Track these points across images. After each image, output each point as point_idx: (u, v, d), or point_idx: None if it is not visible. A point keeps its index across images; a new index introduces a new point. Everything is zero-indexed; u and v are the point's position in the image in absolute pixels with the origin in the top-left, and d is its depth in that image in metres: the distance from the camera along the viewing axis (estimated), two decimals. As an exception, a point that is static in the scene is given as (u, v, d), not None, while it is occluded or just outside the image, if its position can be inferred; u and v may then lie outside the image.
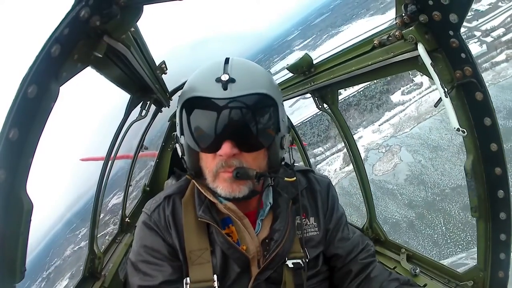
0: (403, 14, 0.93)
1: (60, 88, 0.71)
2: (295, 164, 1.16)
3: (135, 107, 1.89)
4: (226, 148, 0.90)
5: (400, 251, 1.78)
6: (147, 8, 0.87)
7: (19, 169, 0.63)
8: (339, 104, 1.97)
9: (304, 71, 1.75)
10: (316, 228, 1.16)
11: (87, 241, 1.84)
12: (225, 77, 0.90)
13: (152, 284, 0.98)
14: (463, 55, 0.89)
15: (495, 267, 1.09)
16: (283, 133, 1.01)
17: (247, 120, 0.92)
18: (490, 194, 1.02)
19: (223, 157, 0.92)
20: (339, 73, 1.51)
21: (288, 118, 1.19)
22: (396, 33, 1.02)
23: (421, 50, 0.95)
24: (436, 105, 1.06)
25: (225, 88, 0.89)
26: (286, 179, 1.05)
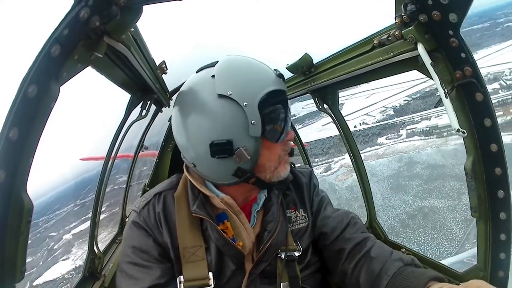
0: (403, 14, 0.93)
1: (60, 88, 0.71)
2: None
3: (135, 107, 1.89)
4: (292, 132, 1.05)
5: (400, 251, 1.78)
6: (148, 8, 0.87)
7: (19, 169, 0.63)
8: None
9: (304, 71, 1.74)
10: (306, 219, 1.17)
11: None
12: (281, 72, 1.02)
13: None
14: (463, 55, 0.89)
15: (495, 267, 1.09)
16: None
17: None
18: (490, 194, 1.02)
19: (290, 140, 1.05)
20: (339, 73, 1.51)
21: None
22: (396, 33, 1.02)
23: (421, 50, 0.94)
24: (436, 106, 1.06)
25: (284, 81, 1.02)
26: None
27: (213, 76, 0.95)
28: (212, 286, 0.96)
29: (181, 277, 0.97)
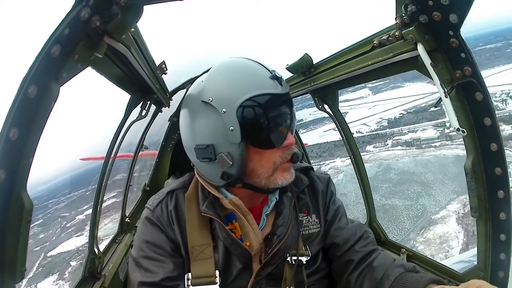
0: (403, 14, 0.94)
1: (60, 88, 0.71)
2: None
3: (135, 107, 1.89)
4: (291, 137, 0.99)
5: (400, 251, 1.79)
6: (149, 8, 0.87)
7: (19, 169, 0.63)
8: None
9: (304, 71, 1.75)
10: (318, 225, 1.16)
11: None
12: (278, 74, 0.97)
13: (153, 281, 0.97)
14: (463, 55, 0.89)
15: (495, 267, 1.09)
16: None
17: (294, 112, 1.03)
18: (490, 194, 1.02)
19: (289, 146, 0.99)
20: (339, 73, 1.51)
21: None
22: (396, 33, 1.02)
23: (421, 50, 0.94)
24: (436, 105, 1.06)
25: (281, 84, 0.96)
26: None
27: (202, 81, 1.00)
28: (218, 283, 0.99)
29: (189, 274, 1.00)
